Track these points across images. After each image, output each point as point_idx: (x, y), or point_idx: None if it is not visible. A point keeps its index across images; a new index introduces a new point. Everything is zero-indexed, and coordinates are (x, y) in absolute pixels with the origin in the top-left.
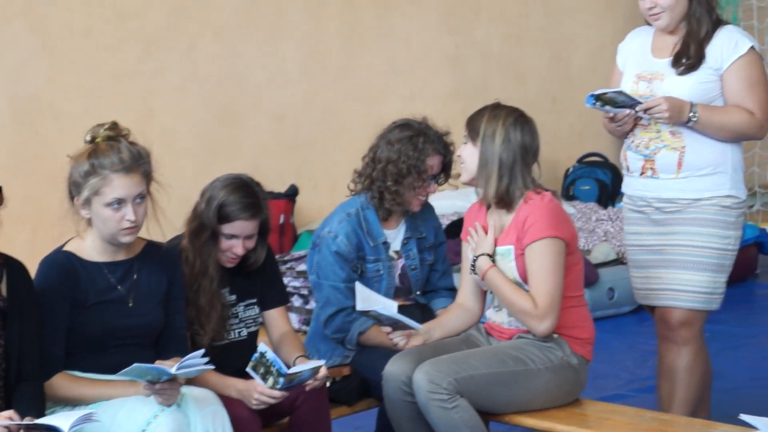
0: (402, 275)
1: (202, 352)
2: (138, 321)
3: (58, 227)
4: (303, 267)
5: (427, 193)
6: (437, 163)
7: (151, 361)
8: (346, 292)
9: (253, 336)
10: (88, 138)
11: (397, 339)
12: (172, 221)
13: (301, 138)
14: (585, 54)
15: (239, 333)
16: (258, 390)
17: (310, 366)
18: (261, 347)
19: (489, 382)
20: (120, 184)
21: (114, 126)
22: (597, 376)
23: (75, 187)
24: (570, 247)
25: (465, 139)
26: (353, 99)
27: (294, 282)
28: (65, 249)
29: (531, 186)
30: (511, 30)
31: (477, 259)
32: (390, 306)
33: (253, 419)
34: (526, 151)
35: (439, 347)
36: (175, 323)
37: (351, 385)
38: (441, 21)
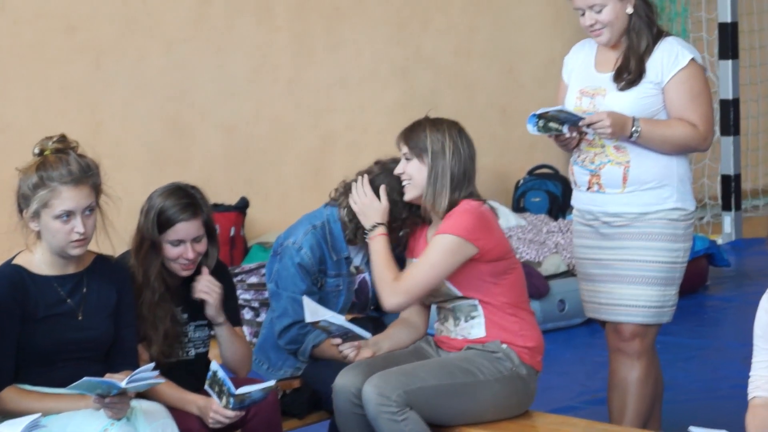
0: (358, 290)
1: (152, 365)
2: (87, 334)
3: (7, 241)
4: (254, 279)
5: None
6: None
7: (101, 375)
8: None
9: (201, 357)
10: (36, 151)
11: (347, 351)
12: (120, 234)
13: (251, 150)
14: (534, 66)
15: (187, 353)
16: (213, 408)
17: (261, 386)
18: (213, 366)
19: (438, 393)
20: (69, 196)
21: (62, 139)
22: (548, 387)
23: (24, 200)
24: (491, 254)
25: (408, 156)
26: (303, 111)
27: (245, 294)
28: (14, 262)
29: (475, 196)
30: (461, 42)
31: (374, 228)
32: (339, 319)
33: None
34: (472, 161)
35: (389, 359)
36: (125, 337)
37: (302, 398)
38: (390, 33)
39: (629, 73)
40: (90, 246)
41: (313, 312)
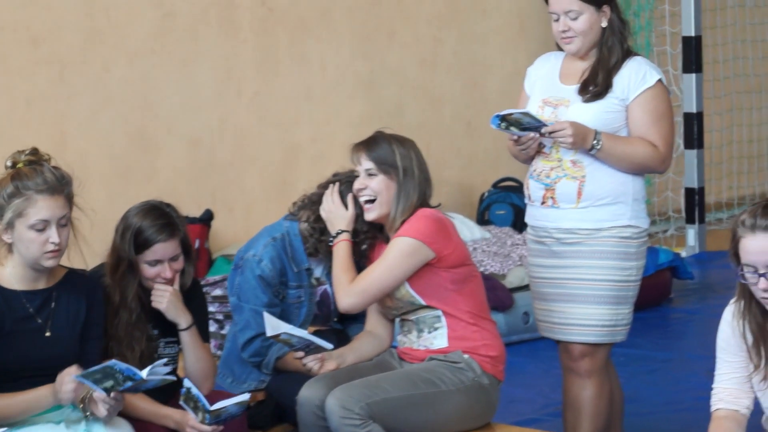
0: (320, 302)
1: (164, 361)
2: (54, 351)
3: None
4: (218, 292)
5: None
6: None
7: None
8: None
9: (171, 374)
10: (8, 164)
11: (311, 364)
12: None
13: (216, 163)
14: (499, 79)
15: None
16: (190, 423)
17: (235, 400)
18: (186, 383)
19: (401, 405)
20: (45, 205)
21: (35, 152)
22: (512, 400)
23: None
24: (449, 260)
25: (372, 172)
26: (268, 124)
27: (209, 307)
28: None
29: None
30: (426, 55)
31: (338, 234)
32: (300, 332)
33: None
34: (426, 170)
35: (353, 372)
36: (89, 350)
37: (266, 410)
38: (355, 46)
39: (596, 86)
40: (61, 260)
41: (274, 326)
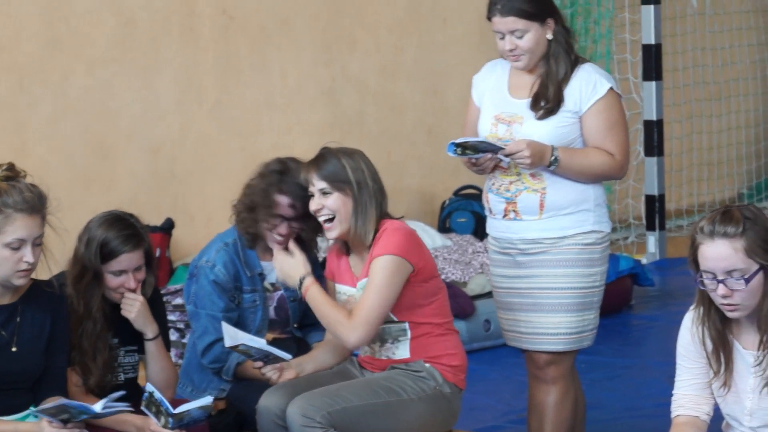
0: (278, 308)
1: (121, 393)
2: (20, 366)
3: None
4: (179, 301)
5: (284, 234)
6: (285, 205)
7: (30, 404)
8: (224, 321)
9: (130, 382)
10: None
11: (270, 374)
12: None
13: (177, 171)
14: (460, 87)
15: (117, 378)
16: (152, 428)
17: (198, 404)
18: (148, 387)
19: (362, 414)
20: (23, 224)
21: (11, 167)
22: (473, 407)
23: None
24: (424, 274)
25: (326, 191)
26: (229, 132)
27: (170, 316)
28: None
29: (384, 212)
30: (387, 63)
31: (302, 282)
32: (260, 343)
33: None
34: (379, 180)
35: (313, 380)
36: (56, 363)
37: (227, 419)
38: (316, 54)
39: (547, 102)
40: None
41: (232, 336)
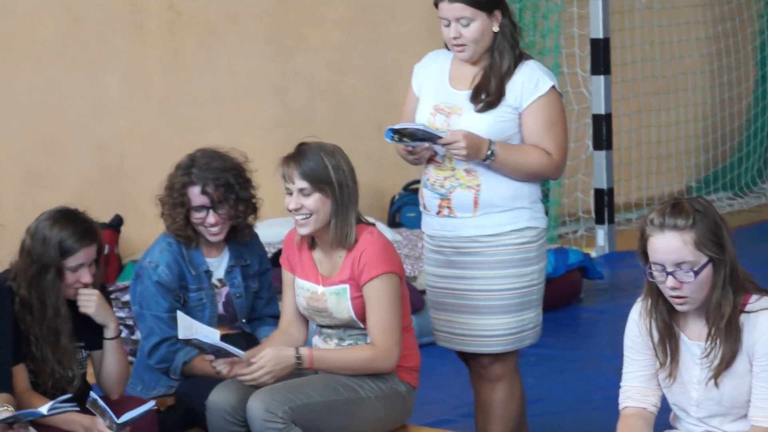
0: (226, 303)
1: (68, 396)
2: None
3: None
4: (128, 297)
5: (214, 224)
6: (198, 194)
7: None
8: (169, 321)
9: (80, 378)
10: None
11: (220, 367)
12: None
13: (125, 168)
14: (409, 82)
15: (69, 374)
16: (98, 428)
17: (141, 411)
18: (92, 395)
19: (323, 410)
20: None
21: None
22: (424, 402)
23: None
24: (402, 283)
25: (308, 192)
26: (177, 128)
27: (119, 312)
28: None
29: (362, 218)
30: (336, 59)
31: (300, 361)
32: (212, 334)
33: None
34: (355, 178)
35: None
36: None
37: (176, 415)
38: (264, 50)
39: (488, 95)
40: None
41: (187, 328)
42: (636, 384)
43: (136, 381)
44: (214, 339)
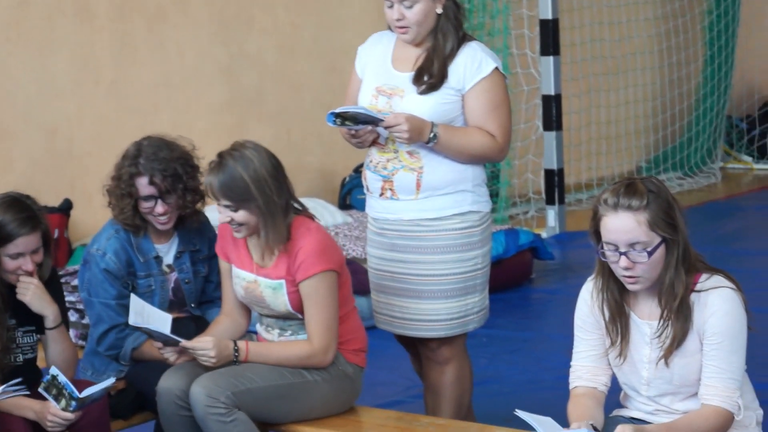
0: (175, 289)
1: (18, 380)
2: None
3: None
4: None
5: (163, 213)
6: (145, 184)
7: None
8: (117, 308)
9: (29, 363)
10: None
11: (168, 355)
12: None
13: (74, 151)
14: None
15: (15, 359)
16: (51, 411)
17: (101, 387)
18: (53, 370)
19: (267, 395)
20: None
21: None
22: (375, 383)
23: None
24: (342, 274)
25: (234, 208)
26: (126, 111)
27: (69, 297)
28: None
29: (293, 207)
30: (285, 41)
31: (237, 353)
32: (164, 319)
33: None
34: (281, 175)
35: None
36: None
37: (127, 399)
38: (213, 32)
39: (431, 77)
40: None
41: (139, 312)
42: (586, 363)
43: (86, 365)
44: (162, 328)
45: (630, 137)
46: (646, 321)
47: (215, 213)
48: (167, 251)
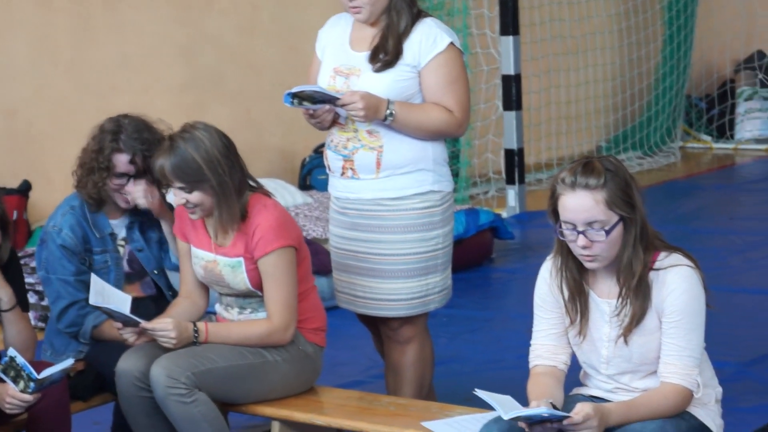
0: (130, 261)
1: None
2: None
3: None
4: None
5: (129, 192)
6: (125, 162)
7: None
8: (76, 284)
9: None
10: None
11: (127, 335)
12: None
13: (33, 133)
14: None
15: None
16: (10, 393)
17: (59, 368)
18: (10, 352)
19: (228, 375)
20: None
21: None
22: (336, 363)
23: None
24: (301, 249)
25: (187, 190)
26: (85, 92)
27: (29, 278)
28: None
29: (247, 185)
30: (244, 21)
31: (197, 334)
32: (124, 300)
33: None
34: (233, 154)
35: None
36: None
37: (86, 380)
38: (172, 13)
39: (386, 54)
40: None
41: (99, 293)
42: (546, 342)
43: (46, 346)
44: (122, 308)
45: (590, 117)
46: (605, 299)
47: (171, 196)
48: (121, 226)
